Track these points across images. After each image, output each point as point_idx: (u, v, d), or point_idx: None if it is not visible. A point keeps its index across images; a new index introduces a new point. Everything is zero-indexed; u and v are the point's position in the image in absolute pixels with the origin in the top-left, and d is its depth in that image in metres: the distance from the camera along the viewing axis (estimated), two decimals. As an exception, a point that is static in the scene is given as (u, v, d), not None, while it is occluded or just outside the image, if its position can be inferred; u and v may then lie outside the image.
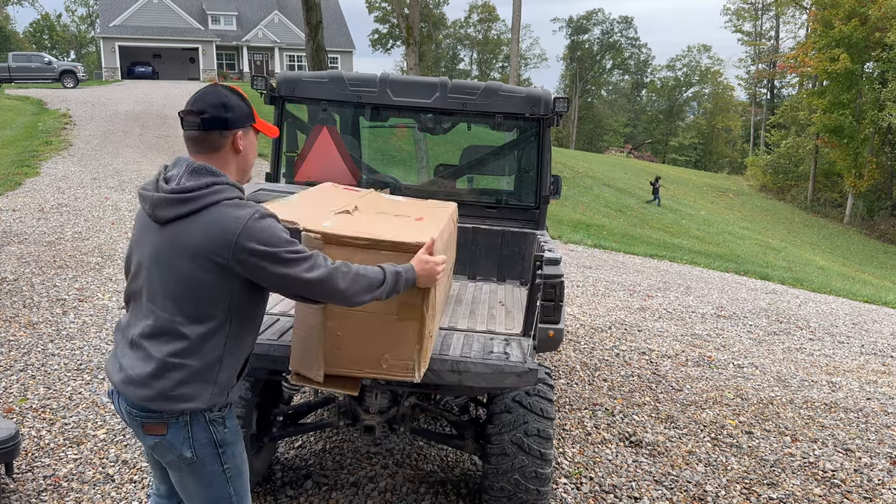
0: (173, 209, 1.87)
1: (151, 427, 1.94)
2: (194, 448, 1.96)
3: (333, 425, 3.22)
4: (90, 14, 71.63)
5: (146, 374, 1.90)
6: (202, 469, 2.00)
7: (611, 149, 57.22)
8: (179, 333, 1.90)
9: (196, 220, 1.86)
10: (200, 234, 1.85)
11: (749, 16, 60.89)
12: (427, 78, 4.12)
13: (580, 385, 5.18)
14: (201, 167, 1.91)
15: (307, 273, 1.89)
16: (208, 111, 1.91)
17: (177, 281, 1.89)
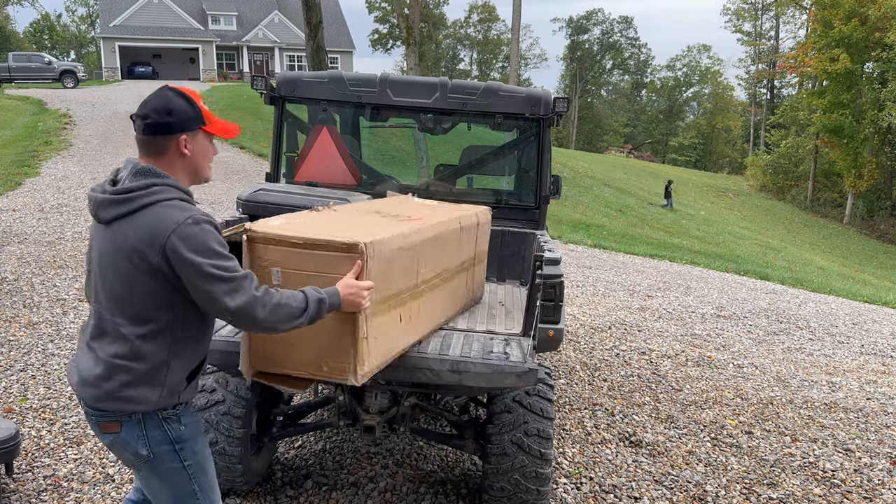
0: (113, 209, 1.89)
1: (106, 425, 1.98)
2: (150, 446, 1.98)
3: (333, 425, 3.23)
4: (90, 14, 71.64)
5: (95, 376, 1.93)
6: (161, 466, 2.02)
7: (611, 149, 57.20)
8: (121, 335, 1.92)
9: (133, 221, 1.87)
10: (135, 234, 1.86)
11: (749, 16, 60.89)
12: (427, 78, 4.12)
13: (580, 385, 5.18)
14: (145, 168, 1.93)
15: (226, 297, 1.86)
16: (151, 116, 1.92)
17: (117, 282, 1.91)
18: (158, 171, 1.93)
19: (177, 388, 1.99)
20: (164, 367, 1.94)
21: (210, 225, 1.90)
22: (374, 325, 2.31)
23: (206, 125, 2.00)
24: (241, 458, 3.07)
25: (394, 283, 2.47)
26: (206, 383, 3.09)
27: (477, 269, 3.37)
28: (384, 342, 2.42)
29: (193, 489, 2.06)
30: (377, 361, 2.40)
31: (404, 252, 2.52)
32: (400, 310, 2.54)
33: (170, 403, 1.98)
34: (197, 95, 2.00)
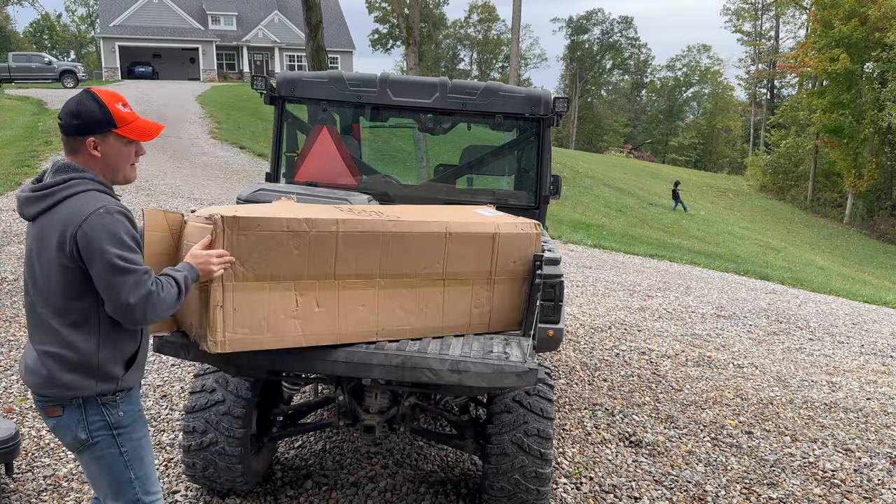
0: (36, 205, 2.00)
1: (50, 409, 2.08)
2: (89, 430, 2.07)
3: (333, 425, 3.23)
4: (90, 14, 71.62)
5: (34, 364, 2.05)
6: (99, 452, 2.10)
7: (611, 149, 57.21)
8: (50, 327, 2.01)
9: (54, 214, 1.97)
10: (54, 226, 1.95)
11: (749, 16, 60.89)
12: (427, 78, 4.12)
13: (580, 385, 5.18)
14: (64, 164, 2.03)
15: (125, 291, 1.93)
16: (63, 118, 2.03)
17: (42, 275, 2.00)
18: (76, 165, 2.03)
19: (113, 374, 2.06)
20: (93, 356, 2.03)
21: (122, 215, 1.97)
22: (238, 298, 2.40)
23: (117, 128, 2.05)
24: (241, 458, 3.07)
25: (280, 264, 2.48)
26: (206, 383, 3.09)
27: (497, 289, 2.93)
28: (259, 319, 2.46)
29: (130, 477, 2.13)
30: (243, 335, 2.44)
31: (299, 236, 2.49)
32: (301, 295, 2.54)
33: (108, 390, 2.06)
34: (115, 98, 2.06)
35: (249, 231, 2.40)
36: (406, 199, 4.15)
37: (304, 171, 4.32)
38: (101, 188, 2.03)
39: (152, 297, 1.97)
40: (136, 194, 11.49)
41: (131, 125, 2.08)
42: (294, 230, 2.48)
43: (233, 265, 2.38)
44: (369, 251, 2.64)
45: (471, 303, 2.92)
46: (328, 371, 2.72)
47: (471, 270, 2.88)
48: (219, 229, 2.34)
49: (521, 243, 2.95)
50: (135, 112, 2.12)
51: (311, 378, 3.26)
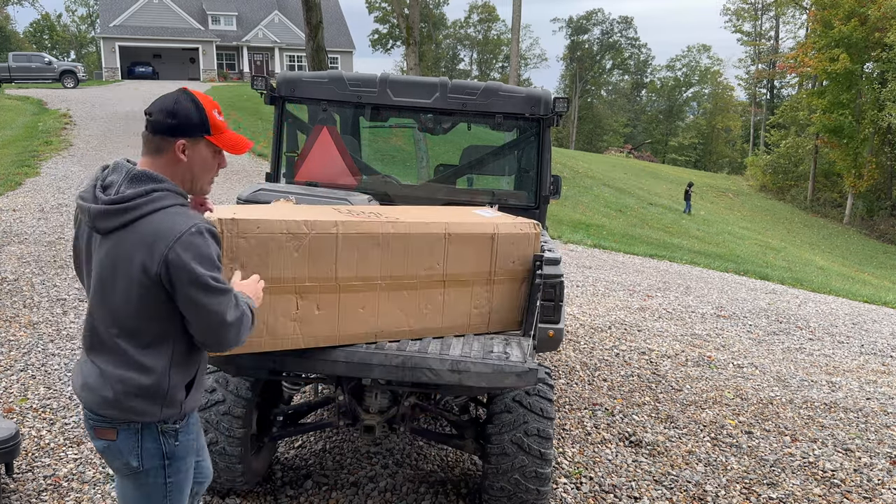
0: (114, 220, 1.82)
1: (102, 431, 1.95)
2: (141, 458, 1.95)
3: (333, 425, 3.23)
4: (90, 14, 71.64)
5: (96, 382, 1.92)
6: (145, 480, 1.99)
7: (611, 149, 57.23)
8: (117, 347, 1.89)
9: (135, 230, 1.81)
10: (138, 244, 1.80)
11: (749, 16, 60.90)
12: (427, 78, 4.12)
13: (580, 385, 5.18)
14: (142, 174, 1.86)
15: (222, 311, 1.84)
16: (155, 114, 1.89)
17: (116, 294, 1.85)
18: (156, 174, 1.86)
19: (177, 399, 1.95)
20: (164, 379, 1.91)
21: (212, 236, 1.86)
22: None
23: (210, 135, 1.93)
24: (241, 458, 3.07)
25: (280, 266, 2.46)
26: (206, 383, 3.09)
27: (497, 289, 2.95)
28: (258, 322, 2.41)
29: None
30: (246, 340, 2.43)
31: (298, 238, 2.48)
32: (301, 297, 2.53)
33: (172, 415, 1.95)
34: (211, 104, 1.95)
35: (249, 234, 2.39)
36: (406, 199, 4.15)
37: (304, 171, 4.32)
38: (183, 202, 1.90)
39: (245, 318, 1.91)
40: (136, 194, 11.49)
41: (224, 135, 1.96)
42: (293, 232, 2.47)
43: (232, 268, 2.37)
44: (369, 252, 2.63)
45: (470, 303, 2.92)
46: (328, 371, 2.72)
47: (470, 271, 2.88)
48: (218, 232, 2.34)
49: (521, 243, 2.94)
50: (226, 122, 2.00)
51: (311, 378, 3.26)
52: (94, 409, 1.93)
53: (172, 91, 1.95)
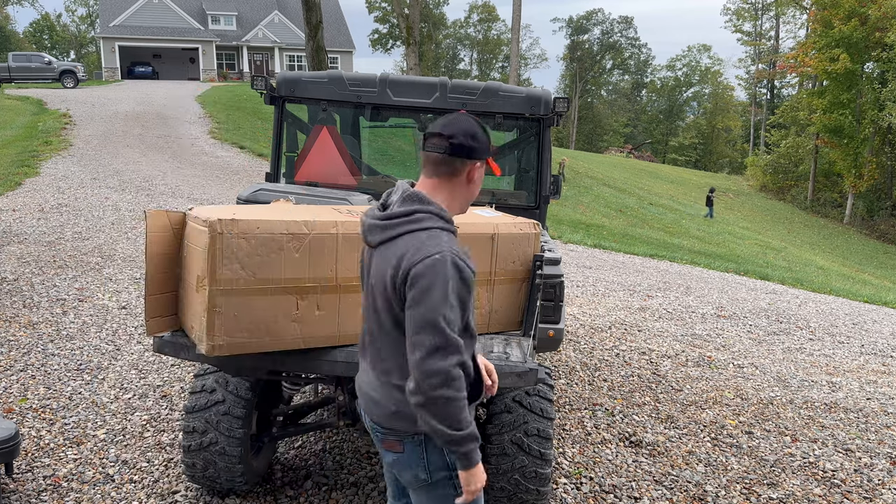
0: (379, 234, 1.88)
1: (390, 443, 1.96)
2: (429, 470, 1.94)
3: (333, 425, 3.23)
4: (90, 14, 71.62)
5: (379, 395, 1.94)
6: (436, 492, 1.97)
7: (611, 149, 57.23)
8: (392, 357, 1.90)
9: (393, 246, 1.84)
10: (391, 259, 1.83)
11: (749, 16, 60.91)
12: (427, 78, 4.12)
13: (580, 385, 5.18)
14: (413, 195, 1.87)
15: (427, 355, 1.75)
16: (458, 137, 1.87)
17: (380, 305, 1.88)
18: (424, 196, 1.87)
19: None
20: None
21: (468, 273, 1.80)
22: (238, 302, 2.40)
23: (490, 157, 1.97)
24: (241, 458, 3.07)
25: (281, 267, 2.46)
26: (206, 383, 3.09)
27: (496, 289, 2.94)
28: (258, 322, 2.45)
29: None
30: (241, 339, 2.44)
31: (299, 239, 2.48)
32: (302, 298, 2.53)
33: None
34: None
35: (249, 234, 2.39)
36: None
37: (304, 171, 4.32)
38: (445, 226, 1.86)
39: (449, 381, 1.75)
40: (135, 194, 11.50)
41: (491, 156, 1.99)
42: (294, 233, 2.47)
43: (233, 269, 2.36)
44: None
45: None
46: (328, 371, 2.72)
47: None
48: (215, 232, 2.33)
49: (520, 243, 2.94)
50: None
51: (311, 378, 3.26)
52: (381, 422, 1.94)
53: (458, 115, 1.93)
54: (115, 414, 4.12)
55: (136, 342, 5.32)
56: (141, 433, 3.90)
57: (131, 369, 4.80)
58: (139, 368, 4.82)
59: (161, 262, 2.60)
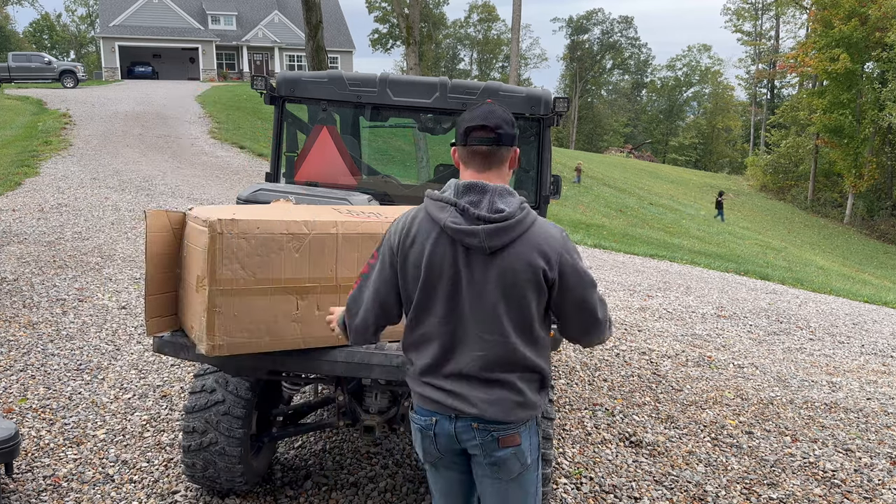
0: (506, 236, 1.87)
1: (509, 438, 1.97)
2: (531, 453, 2.02)
3: (333, 425, 3.22)
4: (90, 14, 71.62)
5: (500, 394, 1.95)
6: (529, 476, 2.04)
7: (611, 149, 57.25)
8: (518, 354, 1.94)
9: (525, 241, 1.88)
10: (532, 252, 1.87)
11: (749, 16, 60.93)
12: (427, 78, 4.11)
13: (580, 385, 5.18)
14: (504, 189, 1.93)
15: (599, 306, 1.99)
16: (504, 127, 1.92)
17: (505, 303, 1.90)
18: (509, 189, 1.95)
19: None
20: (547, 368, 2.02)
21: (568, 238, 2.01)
22: (238, 302, 2.39)
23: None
24: (241, 458, 3.07)
25: (281, 267, 2.46)
26: (206, 383, 3.09)
27: None
28: (258, 322, 2.45)
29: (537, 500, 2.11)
30: (241, 339, 2.43)
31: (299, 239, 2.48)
32: (302, 298, 2.53)
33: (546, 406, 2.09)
34: None
35: (249, 234, 2.39)
36: (406, 199, 4.15)
37: (304, 171, 4.31)
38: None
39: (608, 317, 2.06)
40: (135, 194, 11.50)
41: None
42: (293, 233, 2.47)
43: (233, 269, 2.37)
44: (370, 253, 2.64)
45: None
46: (328, 371, 2.71)
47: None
48: (215, 232, 2.33)
49: None
50: None
51: (311, 378, 3.26)
52: (502, 417, 1.96)
53: (492, 105, 1.97)
54: (115, 414, 4.12)
55: (136, 342, 5.32)
56: (141, 433, 3.90)
57: (131, 369, 4.80)
58: (139, 368, 4.82)
59: (161, 262, 2.60)
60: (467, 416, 1.97)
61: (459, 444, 2.02)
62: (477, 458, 2.04)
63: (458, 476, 2.14)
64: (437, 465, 2.12)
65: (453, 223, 1.89)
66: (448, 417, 2.00)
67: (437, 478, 2.17)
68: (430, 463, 2.12)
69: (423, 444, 2.07)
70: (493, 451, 1.99)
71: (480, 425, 1.98)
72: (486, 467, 2.03)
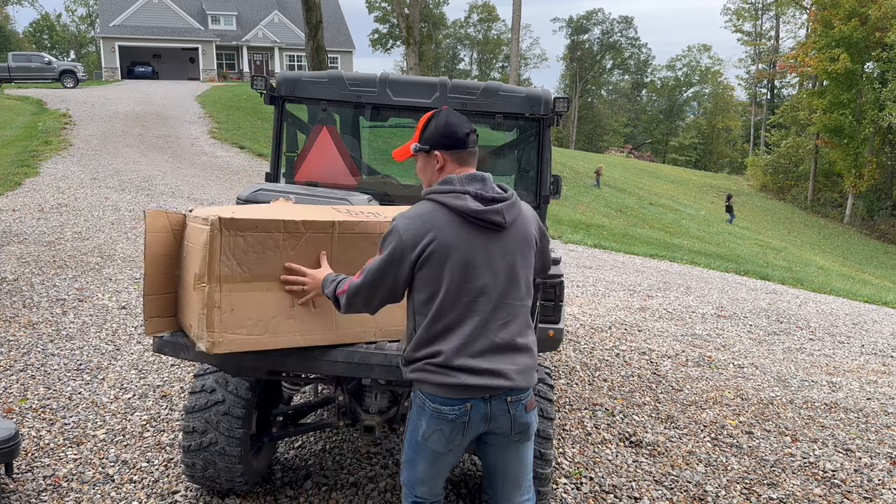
0: (515, 210, 2.21)
1: (531, 402, 2.22)
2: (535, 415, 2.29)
3: (333, 425, 3.22)
4: (90, 14, 71.63)
5: (527, 360, 2.19)
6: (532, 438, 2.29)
7: (611, 149, 57.23)
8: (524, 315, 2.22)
9: (523, 217, 2.24)
10: (529, 223, 2.25)
11: (749, 16, 60.91)
12: (427, 78, 4.11)
13: (580, 385, 5.18)
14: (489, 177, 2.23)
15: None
16: (472, 132, 2.25)
17: (528, 267, 2.24)
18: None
19: None
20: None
21: None
22: (235, 298, 2.42)
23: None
24: (241, 458, 3.07)
25: (277, 265, 2.49)
26: (206, 383, 3.09)
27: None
28: (256, 319, 2.46)
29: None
30: (239, 335, 2.44)
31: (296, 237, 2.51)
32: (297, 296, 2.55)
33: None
34: None
35: (247, 232, 2.41)
36: (406, 199, 4.14)
37: (304, 171, 4.31)
38: None
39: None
40: (135, 194, 11.50)
41: None
42: (291, 231, 2.49)
43: (230, 266, 2.38)
44: (367, 252, 2.63)
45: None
46: (328, 371, 2.71)
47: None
48: (216, 230, 2.34)
49: None
50: None
51: (311, 378, 3.26)
52: (527, 384, 2.19)
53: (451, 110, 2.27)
54: (114, 414, 4.12)
55: (136, 342, 5.32)
56: (141, 433, 3.90)
57: (131, 369, 4.80)
58: (139, 368, 4.82)
59: (160, 262, 2.61)
60: (502, 391, 2.12)
61: (488, 423, 2.15)
62: (501, 431, 2.17)
63: (456, 456, 2.26)
64: (449, 452, 2.21)
65: (475, 207, 2.12)
66: (483, 399, 2.12)
67: (439, 464, 2.24)
68: (443, 454, 2.19)
69: (451, 435, 2.14)
70: (521, 419, 2.17)
71: (513, 398, 2.15)
72: (508, 437, 2.19)
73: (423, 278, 2.12)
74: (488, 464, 2.30)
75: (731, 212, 28.57)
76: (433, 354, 2.12)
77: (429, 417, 2.14)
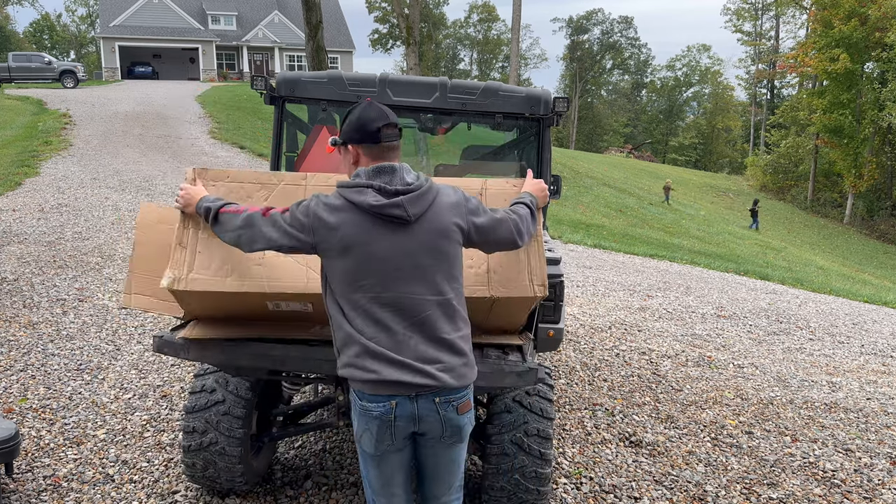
0: (423, 202, 2.10)
1: (467, 404, 2.13)
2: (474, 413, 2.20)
3: (333, 425, 3.22)
4: (90, 14, 71.63)
5: (456, 358, 2.09)
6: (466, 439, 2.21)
7: (611, 149, 57.21)
8: (453, 311, 2.13)
9: (438, 206, 2.13)
10: (448, 213, 2.13)
11: (749, 16, 60.90)
12: (427, 78, 4.11)
13: (580, 385, 5.18)
14: (406, 166, 2.17)
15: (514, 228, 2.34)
16: (397, 124, 2.18)
17: (436, 260, 2.11)
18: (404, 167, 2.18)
19: None
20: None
21: None
22: (203, 239, 2.47)
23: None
24: (241, 458, 3.07)
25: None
26: (206, 383, 3.09)
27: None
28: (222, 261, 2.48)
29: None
30: (205, 276, 2.46)
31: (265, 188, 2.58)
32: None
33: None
34: None
35: (218, 182, 2.54)
36: None
37: (304, 171, 4.31)
38: None
39: None
40: (135, 194, 11.50)
41: None
42: (263, 183, 2.60)
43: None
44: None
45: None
46: (328, 371, 2.71)
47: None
48: (190, 179, 2.46)
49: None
50: None
51: (311, 378, 3.26)
52: (462, 382, 2.10)
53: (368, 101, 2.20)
54: (115, 414, 4.12)
55: (136, 342, 5.32)
56: (141, 433, 3.90)
57: (131, 369, 4.80)
58: (139, 368, 4.82)
59: (155, 253, 2.70)
60: (428, 390, 2.05)
61: (417, 424, 2.07)
62: (432, 434, 2.10)
63: (401, 457, 2.19)
64: (385, 454, 2.15)
65: (375, 201, 2.06)
66: (409, 398, 2.05)
67: (381, 468, 2.20)
68: (377, 455, 2.14)
69: (378, 434, 2.08)
70: (452, 421, 2.08)
71: (441, 398, 2.06)
72: (439, 440, 2.12)
73: (331, 270, 2.10)
74: (419, 463, 2.24)
75: (755, 217, 28.51)
76: (356, 352, 2.08)
77: (359, 416, 2.11)
